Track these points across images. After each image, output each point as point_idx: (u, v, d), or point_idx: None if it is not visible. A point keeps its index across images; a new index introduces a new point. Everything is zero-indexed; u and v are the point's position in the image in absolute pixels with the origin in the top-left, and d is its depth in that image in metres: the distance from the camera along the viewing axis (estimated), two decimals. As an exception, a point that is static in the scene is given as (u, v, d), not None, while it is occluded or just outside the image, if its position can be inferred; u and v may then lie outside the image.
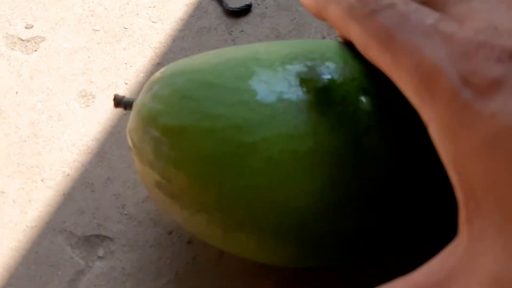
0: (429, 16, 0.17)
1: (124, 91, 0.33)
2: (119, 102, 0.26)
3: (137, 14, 0.35)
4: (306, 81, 0.22)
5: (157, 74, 0.24)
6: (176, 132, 0.22)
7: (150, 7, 0.36)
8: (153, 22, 0.35)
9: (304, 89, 0.22)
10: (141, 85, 0.33)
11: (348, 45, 0.23)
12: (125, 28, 0.35)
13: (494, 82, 0.15)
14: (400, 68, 0.17)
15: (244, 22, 0.35)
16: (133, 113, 0.24)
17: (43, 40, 0.35)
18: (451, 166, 0.16)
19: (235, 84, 0.22)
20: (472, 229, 0.15)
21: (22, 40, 0.35)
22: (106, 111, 0.32)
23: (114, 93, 0.26)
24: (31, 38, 0.35)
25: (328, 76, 0.22)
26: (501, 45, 0.15)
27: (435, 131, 0.16)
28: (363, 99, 0.21)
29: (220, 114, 0.21)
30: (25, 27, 0.35)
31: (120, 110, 0.32)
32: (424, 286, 0.16)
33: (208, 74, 0.22)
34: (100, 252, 0.29)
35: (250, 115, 0.21)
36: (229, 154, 0.21)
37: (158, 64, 0.34)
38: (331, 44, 0.23)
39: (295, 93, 0.22)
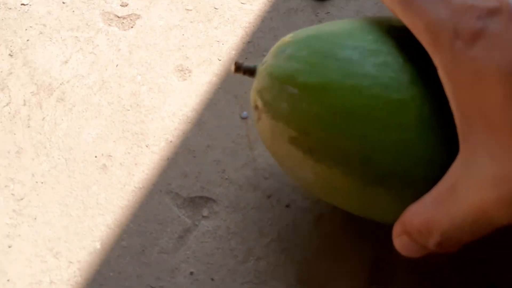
0: None
1: (217, 67, 0.35)
2: (239, 67, 0.28)
3: (227, -5, 0.38)
4: None
5: (286, 39, 0.26)
6: (317, 89, 0.24)
7: (238, -11, 0.38)
8: (242, 3, 0.37)
9: None
10: (233, 61, 0.35)
11: None
12: (216, 9, 0.37)
13: (475, 33, 0.21)
14: (416, 27, 0.22)
15: (330, 4, 0.37)
16: (262, 74, 0.26)
17: (138, 18, 0.37)
18: (451, 99, 0.21)
19: (378, 47, 0.24)
20: (466, 146, 0.21)
21: (118, 17, 0.37)
22: (202, 85, 0.35)
23: (235, 60, 0.28)
24: (126, 15, 0.37)
25: None
26: (482, 6, 0.21)
27: (441, 74, 0.22)
28: None
29: (366, 73, 0.23)
30: (120, 5, 0.38)
31: (215, 84, 0.35)
32: (442, 192, 0.22)
33: (347, 37, 0.24)
34: (205, 212, 0.31)
35: (396, 75, 0.23)
36: (376, 110, 0.23)
37: (249, 42, 0.36)
38: None
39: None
